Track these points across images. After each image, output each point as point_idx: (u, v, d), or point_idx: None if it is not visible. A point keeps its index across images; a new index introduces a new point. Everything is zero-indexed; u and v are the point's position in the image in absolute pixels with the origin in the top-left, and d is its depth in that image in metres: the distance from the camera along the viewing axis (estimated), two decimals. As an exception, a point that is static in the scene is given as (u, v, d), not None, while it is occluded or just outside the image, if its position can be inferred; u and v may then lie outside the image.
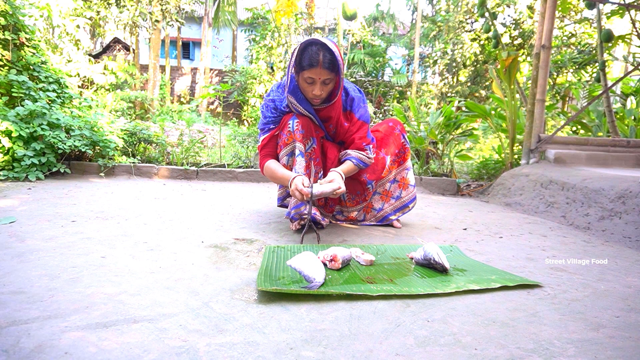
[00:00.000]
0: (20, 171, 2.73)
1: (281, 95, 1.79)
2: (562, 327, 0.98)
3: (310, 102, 1.72)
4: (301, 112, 1.74)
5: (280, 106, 1.78)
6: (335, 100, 1.74)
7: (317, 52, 1.58)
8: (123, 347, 0.80)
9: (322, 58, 1.58)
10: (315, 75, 1.60)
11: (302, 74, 1.63)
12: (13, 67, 3.08)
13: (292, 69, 1.66)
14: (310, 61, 1.58)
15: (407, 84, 10.26)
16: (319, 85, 1.63)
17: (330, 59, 1.59)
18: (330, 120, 1.80)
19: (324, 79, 1.62)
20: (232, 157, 3.78)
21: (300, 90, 1.70)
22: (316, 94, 1.65)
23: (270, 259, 1.36)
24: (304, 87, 1.67)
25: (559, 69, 6.89)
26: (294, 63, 1.64)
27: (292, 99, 1.71)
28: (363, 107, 1.86)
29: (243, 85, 9.57)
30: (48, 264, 1.23)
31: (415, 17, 10.63)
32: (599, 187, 2.28)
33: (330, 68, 1.60)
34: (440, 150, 3.89)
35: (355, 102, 1.84)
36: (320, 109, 1.76)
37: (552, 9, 3.16)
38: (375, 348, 0.84)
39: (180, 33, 14.32)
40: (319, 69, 1.59)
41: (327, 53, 1.59)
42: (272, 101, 1.80)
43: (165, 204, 2.28)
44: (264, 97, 1.84)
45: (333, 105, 1.75)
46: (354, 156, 1.82)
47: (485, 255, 1.57)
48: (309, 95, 1.68)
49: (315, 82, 1.63)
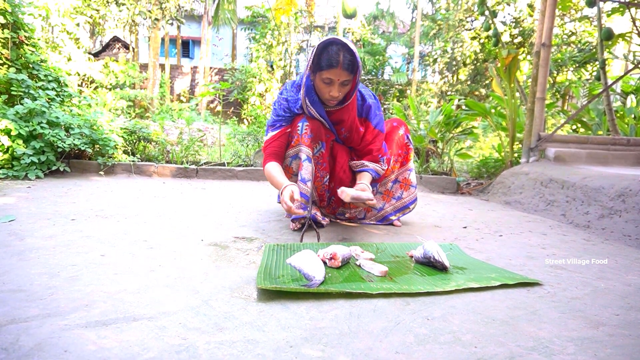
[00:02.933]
0: (20, 170, 2.73)
1: (295, 95, 1.74)
2: (562, 325, 0.98)
3: (325, 103, 1.68)
4: (314, 115, 1.70)
5: (294, 108, 1.73)
6: (349, 102, 1.69)
7: (338, 52, 1.53)
8: (122, 345, 0.80)
9: (342, 59, 1.53)
10: (334, 76, 1.55)
11: (321, 74, 1.57)
12: (12, 66, 3.07)
13: (308, 69, 1.61)
14: (330, 61, 1.53)
15: (407, 83, 10.25)
16: (337, 87, 1.58)
17: (351, 59, 1.55)
18: (343, 123, 1.76)
19: (343, 80, 1.57)
20: (232, 155, 3.78)
21: (314, 91, 1.65)
22: (333, 95, 1.59)
23: (270, 257, 1.36)
24: (321, 87, 1.61)
25: (559, 68, 6.89)
26: (312, 63, 1.58)
27: (306, 100, 1.67)
28: (379, 114, 1.82)
29: (243, 83, 9.57)
30: (47, 262, 1.23)
31: (415, 15, 10.63)
32: (599, 185, 2.28)
33: (349, 69, 1.55)
34: (440, 148, 3.89)
35: (372, 109, 1.80)
36: (333, 112, 1.72)
37: (553, 7, 3.15)
38: (375, 346, 0.84)
39: (180, 31, 14.31)
40: (338, 70, 1.54)
41: (347, 54, 1.54)
42: (285, 100, 1.75)
43: (164, 202, 2.27)
44: (278, 95, 1.80)
45: (347, 107, 1.70)
46: (371, 168, 1.79)
47: (485, 254, 1.57)
48: (325, 96, 1.63)
49: (333, 82, 1.57)
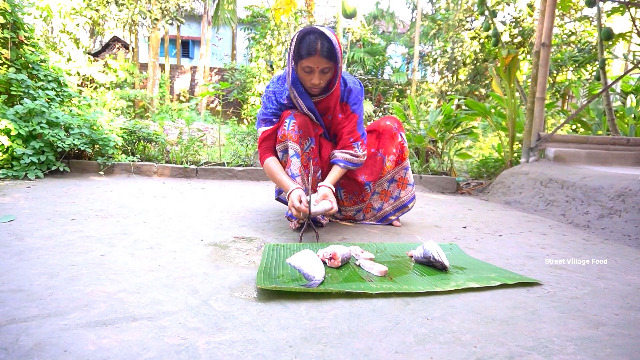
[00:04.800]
0: (20, 170, 2.73)
1: (281, 87, 1.78)
2: (562, 324, 0.98)
3: (308, 91, 1.71)
4: (302, 109, 1.73)
5: (280, 99, 1.77)
6: (334, 90, 1.72)
7: (315, 40, 1.57)
8: (122, 345, 0.80)
9: (319, 46, 1.56)
10: (313, 64, 1.59)
11: (301, 62, 1.61)
12: (12, 66, 3.07)
13: (292, 60, 1.64)
14: (308, 50, 1.57)
15: (406, 83, 10.25)
16: (317, 74, 1.62)
17: (329, 47, 1.58)
18: (329, 111, 1.79)
19: (322, 68, 1.61)
20: (232, 155, 3.78)
21: (299, 82, 1.68)
22: (314, 82, 1.63)
23: (269, 257, 1.36)
24: (303, 76, 1.65)
25: (559, 67, 6.89)
26: (293, 52, 1.63)
27: (293, 91, 1.70)
28: (360, 100, 1.83)
29: (242, 83, 9.57)
30: (47, 263, 1.23)
31: (415, 15, 10.62)
32: (598, 185, 2.28)
33: (328, 57, 1.59)
34: (440, 148, 3.89)
35: (352, 93, 1.81)
36: (319, 101, 1.75)
37: (552, 7, 3.15)
38: (374, 346, 0.84)
39: (180, 31, 14.29)
40: (317, 58, 1.57)
41: (325, 41, 1.57)
42: (272, 93, 1.79)
43: (164, 202, 2.27)
44: (265, 89, 1.83)
45: (331, 95, 1.73)
46: (340, 159, 1.78)
47: (484, 254, 1.58)
48: (307, 84, 1.67)
49: (313, 71, 1.61)
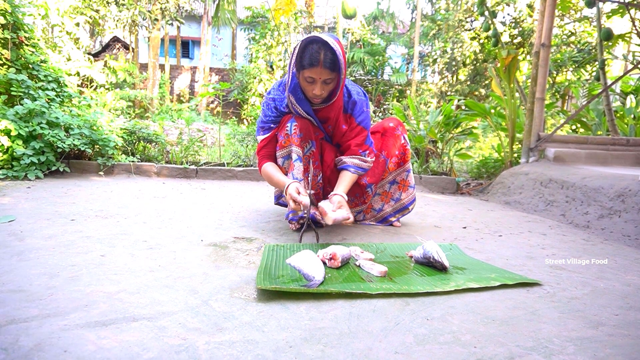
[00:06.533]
0: (20, 170, 2.73)
1: (282, 94, 1.75)
2: (562, 325, 0.98)
3: (310, 101, 1.69)
4: (300, 113, 1.71)
5: (281, 106, 1.74)
6: (335, 99, 1.70)
7: (318, 50, 1.53)
8: (122, 346, 0.80)
9: (322, 57, 1.53)
10: (315, 75, 1.56)
11: (303, 72, 1.58)
12: (12, 66, 3.07)
13: (293, 67, 1.62)
14: (311, 60, 1.53)
15: (406, 83, 10.26)
16: (319, 85, 1.59)
17: (332, 58, 1.54)
18: (329, 120, 1.76)
19: (325, 79, 1.58)
20: (232, 156, 3.78)
21: (300, 89, 1.66)
22: (316, 93, 1.60)
23: (269, 258, 1.36)
24: (304, 86, 1.62)
25: (559, 68, 6.89)
26: (295, 61, 1.60)
27: (292, 99, 1.68)
28: (365, 112, 1.80)
29: (242, 84, 9.57)
30: (47, 263, 1.23)
31: (414, 15, 10.63)
32: (598, 185, 2.28)
33: (331, 68, 1.55)
34: (440, 149, 3.89)
35: (357, 105, 1.78)
36: (320, 109, 1.72)
37: (552, 8, 3.15)
38: (374, 346, 0.84)
39: (180, 32, 14.31)
40: (319, 69, 1.54)
41: (329, 52, 1.54)
42: (272, 100, 1.76)
43: (164, 202, 2.27)
44: (265, 95, 1.81)
45: (332, 105, 1.71)
46: (349, 164, 1.76)
47: (484, 254, 1.58)
48: (309, 94, 1.64)
49: (315, 81, 1.58)
